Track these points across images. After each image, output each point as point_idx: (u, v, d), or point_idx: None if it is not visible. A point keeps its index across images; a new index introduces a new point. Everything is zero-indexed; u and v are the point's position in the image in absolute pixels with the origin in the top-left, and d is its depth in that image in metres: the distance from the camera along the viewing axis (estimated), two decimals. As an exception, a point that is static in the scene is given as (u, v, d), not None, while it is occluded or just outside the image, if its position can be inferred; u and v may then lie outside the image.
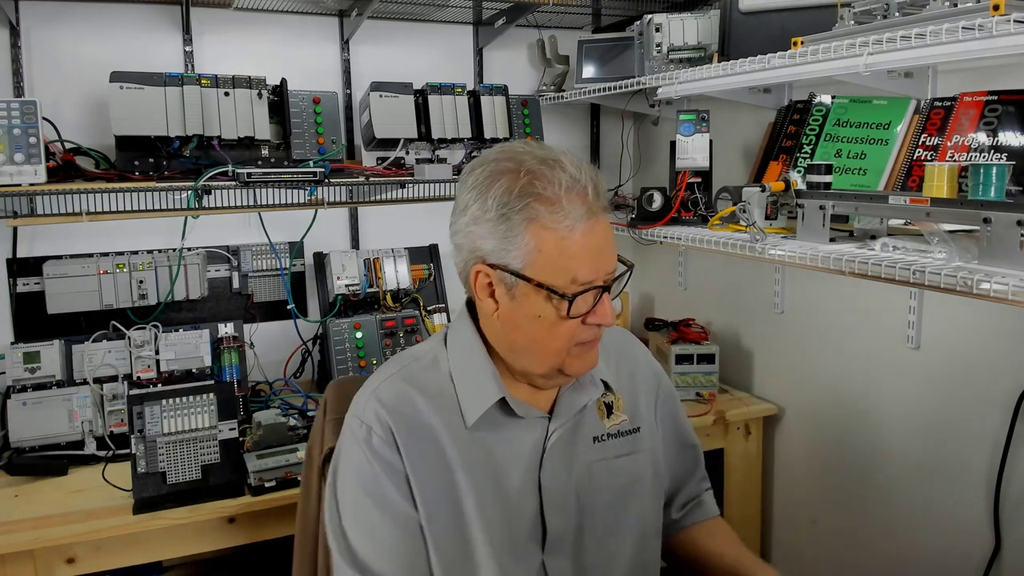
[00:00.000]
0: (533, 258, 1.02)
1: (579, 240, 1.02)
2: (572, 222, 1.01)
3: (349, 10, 2.42)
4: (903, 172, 1.70)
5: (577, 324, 1.05)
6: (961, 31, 1.25)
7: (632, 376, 1.25)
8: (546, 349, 1.07)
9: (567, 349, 1.06)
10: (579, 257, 1.02)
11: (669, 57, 2.13)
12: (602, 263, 1.05)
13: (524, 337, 1.08)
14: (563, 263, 1.02)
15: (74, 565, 1.64)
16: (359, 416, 1.10)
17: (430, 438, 1.09)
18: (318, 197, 2.14)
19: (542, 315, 1.04)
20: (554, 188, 1.02)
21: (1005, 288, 1.13)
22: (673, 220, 1.98)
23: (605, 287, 1.05)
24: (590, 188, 1.03)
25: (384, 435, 1.08)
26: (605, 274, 1.05)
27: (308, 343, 2.40)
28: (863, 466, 2.04)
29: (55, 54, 2.20)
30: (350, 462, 1.10)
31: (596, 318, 1.05)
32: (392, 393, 1.11)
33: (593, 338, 1.08)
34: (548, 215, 1.01)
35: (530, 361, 1.10)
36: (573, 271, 1.02)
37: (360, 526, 1.07)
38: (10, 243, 2.18)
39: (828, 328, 2.13)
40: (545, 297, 1.03)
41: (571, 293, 1.02)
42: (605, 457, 1.17)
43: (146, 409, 1.68)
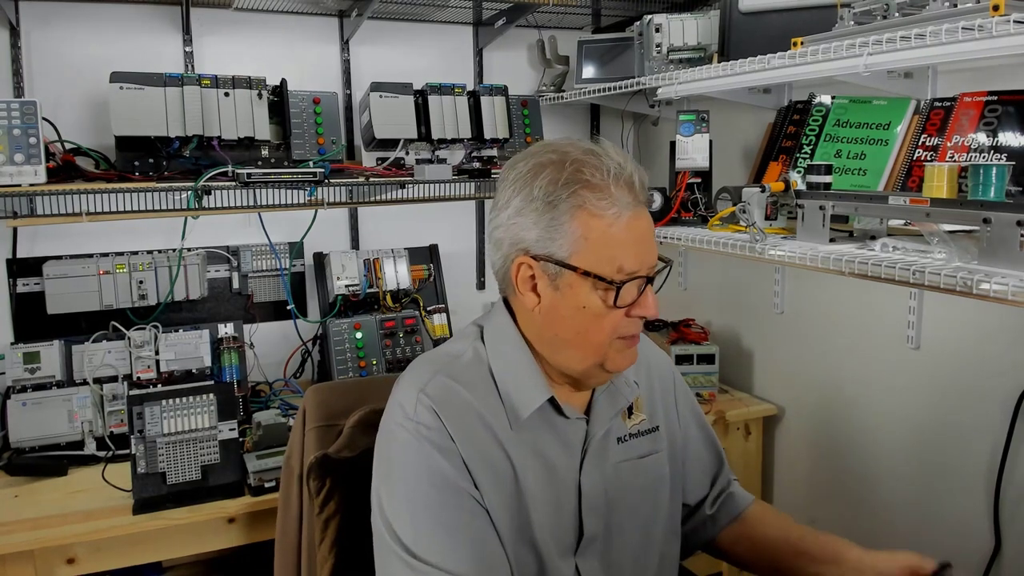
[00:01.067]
0: (580, 246, 1.02)
1: (625, 228, 1.02)
2: (619, 209, 1.02)
3: (349, 10, 2.42)
4: (903, 172, 1.70)
5: (621, 316, 1.04)
6: (961, 31, 1.25)
7: (648, 376, 1.25)
8: (589, 343, 1.05)
9: (610, 343, 1.05)
10: (625, 245, 1.02)
11: (669, 57, 2.13)
12: (647, 253, 1.05)
13: (568, 330, 1.06)
14: (610, 251, 1.02)
15: (74, 565, 1.64)
16: (410, 417, 1.05)
17: (482, 427, 1.07)
18: (318, 197, 2.14)
19: (587, 306, 1.03)
20: (601, 175, 1.02)
21: (1005, 288, 1.13)
22: (673, 220, 1.98)
23: (649, 279, 1.05)
24: (636, 177, 1.04)
25: (437, 426, 1.04)
26: (648, 265, 1.05)
27: (308, 343, 2.40)
28: (863, 466, 2.04)
29: (55, 54, 2.20)
30: (408, 464, 1.04)
31: (641, 310, 1.05)
32: (437, 388, 1.07)
33: (636, 332, 1.08)
34: (596, 202, 1.01)
35: (572, 356, 1.08)
36: (620, 260, 1.02)
37: (437, 523, 1.02)
38: (10, 243, 2.18)
39: (828, 328, 2.13)
40: (591, 287, 1.03)
41: (619, 281, 1.02)
42: (629, 457, 1.17)
43: (146, 409, 1.68)
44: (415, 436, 1.04)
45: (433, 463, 1.03)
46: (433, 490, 1.03)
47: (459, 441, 1.05)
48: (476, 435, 1.06)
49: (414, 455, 1.04)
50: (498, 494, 1.06)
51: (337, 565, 1.21)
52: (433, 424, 1.04)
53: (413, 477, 1.04)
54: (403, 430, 1.06)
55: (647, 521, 1.18)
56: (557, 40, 2.68)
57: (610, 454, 1.15)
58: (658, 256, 1.09)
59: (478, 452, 1.05)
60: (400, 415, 1.07)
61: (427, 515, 1.02)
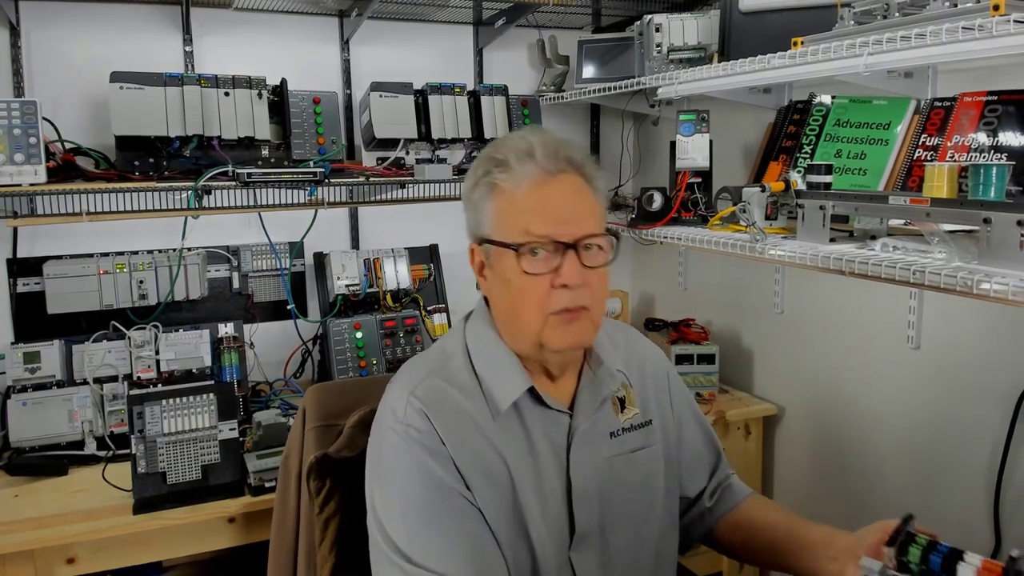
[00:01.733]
0: (495, 221, 1.08)
1: (527, 195, 1.06)
2: (520, 178, 1.06)
3: (349, 10, 2.42)
4: (903, 172, 1.70)
5: (545, 287, 1.04)
6: (961, 31, 1.24)
7: (642, 371, 1.26)
8: (523, 319, 1.07)
9: (544, 319, 1.05)
10: (530, 211, 1.05)
11: (669, 57, 2.13)
12: (559, 218, 1.04)
13: (505, 308, 1.10)
14: (516, 219, 1.06)
15: (74, 565, 1.64)
16: (401, 420, 1.07)
17: (472, 425, 1.08)
18: (318, 197, 2.14)
19: (511, 278, 1.06)
20: (505, 152, 1.08)
21: (1005, 288, 1.13)
22: (673, 220, 1.98)
23: (570, 246, 1.04)
24: (538, 148, 1.07)
25: (426, 429, 1.06)
26: (567, 232, 1.04)
27: (308, 343, 2.40)
28: (863, 466, 2.04)
29: (55, 54, 2.20)
30: (400, 467, 1.06)
31: (560, 278, 1.04)
32: (426, 388, 1.10)
33: (567, 305, 1.05)
34: (501, 177, 1.07)
35: (516, 336, 1.10)
36: (525, 225, 1.05)
37: (429, 525, 1.03)
38: (10, 243, 2.18)
39: (828, 328, 2.13)
40: (511, 258, 1.05)
41: (522, 243, 1.04)
42: (622, 451, 1.17)
43: (146, 409, 1.68)
44: (405, 439, 1.06)
45: (424, 465, 1.04)
46: (424, 491, 1.04)
47: (449, 443, 1.06)
48: (466, 435, 1.07)
49: (405, 458, 1.05)
50: (491, 491, 1.06)
51: (337, 565, 1.21)
52: (423, 427, 1.06)
53: (405, 480, 1.05)
54: (394, 433, 1.07)
55: (642, 516, 1.19)
56: (557, 40, 2.68)
57: (602, 448, 1.16)
58: (602, 230, 1.08)
59: (469, 451, 1.06)
60: (391, 418, 1.08)
61: (419, 517, 1.03)
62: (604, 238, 1.08)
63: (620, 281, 3.01)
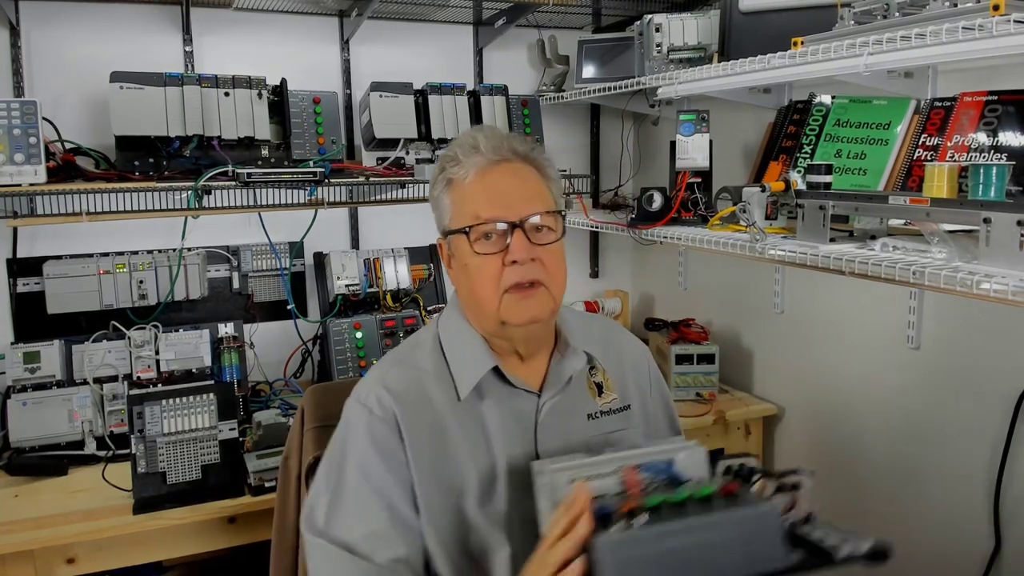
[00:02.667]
0: (452, 212, 1.16)
1: (474, 182, 1.14)
2: (468, 169, 1.14)
3: (349, 10, 2.42)
4: (903, 172, 1.70)
5: (497, 266, 1.11)
6: (961, 31, 1.24)
7: (620, 361, 1.28)
8: (483, 298, 1.13)
9: (500, 296, 1.11)
10: (478, 197, 1.13)
11: (669, 57, 2.12)
12: (505, 201, 1.12)
13: (467, 291, 1.16)
14: (467, 207, 1.13)
15: (74, 565, 1.64)
16: (362, 401, 1.15)
17: (431, 413, 1.13)
18: (318, 197, 2.14)
19: (468, 261, 1.13)
20: (455, 148, 1.17)
21: (1005, 288, 1.13)
22: (673, 220, 1.98)
23: (516, 225, 1.10)
24: (482, 141, 1.15)
25: (385, 416, 1.12)
26: (513, 213, 1.11)
27: (308, 343, 2.40)
28: (863, 465, 2.04)
29: (55, 54, 2.20)
30: (347, 444, 1.13)
31: (509, 255, 1.10)
32: (395, 376, 1.17)
33: (519, 280, 1.10)
34: (452, 171, 1.15)
35: (481, 318, 1.16)
36: (475, 211, 1.12)
37: (342, 504, 1.10)
38: (10, 243, 2.18)
39: (828, 328, 2.13)
40: (464, 242, 1.13)
41: (463, 226, 1.12)
42: (601, 433, 1.20)
43: (146, 409, 1.68)
44: (358, 417, 1.13)
45: (361, 440, 1.12)
46: (350, 463, 1.11)
47: (403, 424, 1.11)
48: (421, 413, 1.13)
49: (347, 433, 1.14)
50: (434, 464, 1.11)
51: (337, 565, 1.21)
52: (375, 408, 1.13)
53: (346, 458, 1.12)
54: (349, 413, 1.16)
55: None
56: (557, 40, 2.68)
57: (578, 428, 1.19)
58: (549, 209, 1.14)
59: (419, 429, 1.12)
60: (354, 403, 1.16)
61: (327, 488, 1.11)
62: (550, 216, 1.14)
63: (620, 281, 3.02)
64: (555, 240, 1.14)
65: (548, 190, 1.18)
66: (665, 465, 0.92)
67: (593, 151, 2.93)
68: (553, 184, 1.20)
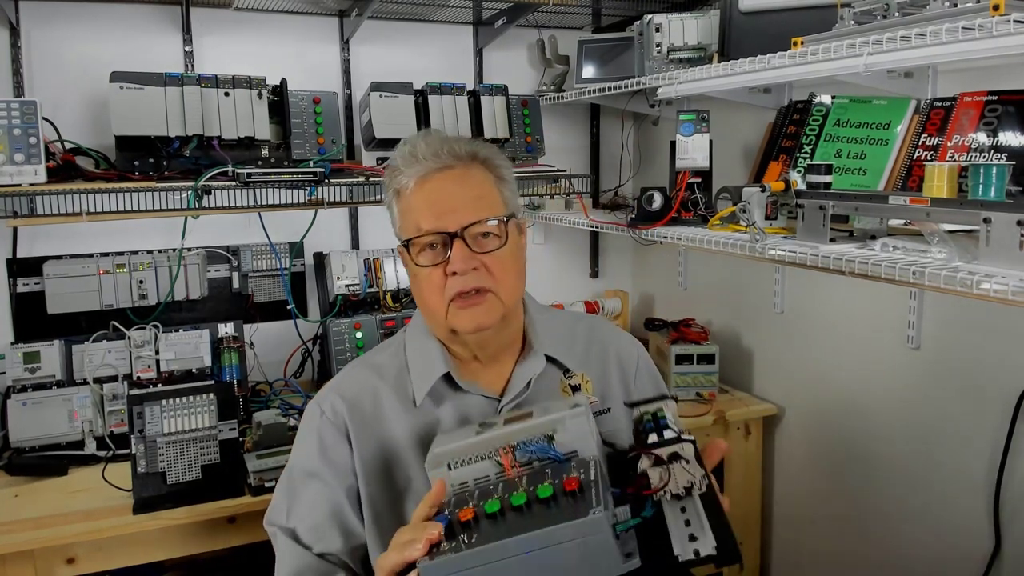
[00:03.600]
0: (399, 223, 1.17)
1: (415, 192, 1.13)
2: (407, 179, 1.14)
3: (349, 10, 2.42)
4: (903, 172, 1.70)
5: (441, 276, 1.11)
6: (961, 31, 1.24)
7: (604, 360, 1.28)
8: (430, 307, 1.15)
9: (446, 305, 1.12)
10: (419, 208, 1.12)
11: (669, 57, 2.12)
12: (441, 210, 1.11)
13: (418, 300, 1.18)
14: (410, 218, 1.14)
15: (74, 565, 1.64)
16: (318, 403, 1.20)
17: (384, 421, 1.16)
18: (318, 197, 2.13)
19: (415, 272, 1.15)
20: (396, 159, 1.17)
21: (1005, 288, 1.13)
22: (673, 220, 1.98)
23: (455, 235, 1.10)
24: (421, 148, 1.14)
25: (336, 422, 1.16)
26: (451, 222, 1.10)
27: (308, 343, 2.40)
28: (863, 466, 2.04)
29: (55, 54, 2.20)
30: (300, 444, 1.19)
31: (450, 266, 1.10)
32: (352, 381, 1.21)
33: (460, 290, 1.10)
34: (396, 181, 1.15)
35: (433, 325, 1.18)
36: (416, 222, 1.12)
37: (294, 498, 1.15)
38: (10, 243, 2.18)
39: (828, 328, 2.13)
40: (409, 254, 1.14)
41: (411, 237, 1.12)
42: None
43: (146, 409, 1.68)
44: (313, 419, 1.18)
45: (311, 440, 1.16)
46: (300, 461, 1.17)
47: (352, 430, 1.15)
48: (373, 420, 1.16)
49: (302, 432, 1.20)
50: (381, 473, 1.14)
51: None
52: (328, 412, 1.17)
53: (295, 452, 1.19)
54: (306, 414, 1.21)
55: None
56: (557, 40, 2.68)
57: None
58: (493, 214, 1.13)
59: (368, 436, 1.15)
60: (315, 398, 1.22)
61: (285, 485, 1.18)
62: (493, 223, 1.12)
63: (620, 281, 3.02)
64: (499, 247, 1.12)
65: (496, 191, 1.16)
66: (543, 444, 0.89)
67: (593, 151, 2.93)
68: (504, 184, 1.18)
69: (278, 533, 1.15)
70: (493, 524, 0.82)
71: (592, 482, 0.82)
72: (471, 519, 0.83)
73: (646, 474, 0.86)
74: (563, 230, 2.81)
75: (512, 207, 1.18)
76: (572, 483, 0.81)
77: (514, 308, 1.18)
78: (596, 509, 0.78)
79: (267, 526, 1.18)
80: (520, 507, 0.82)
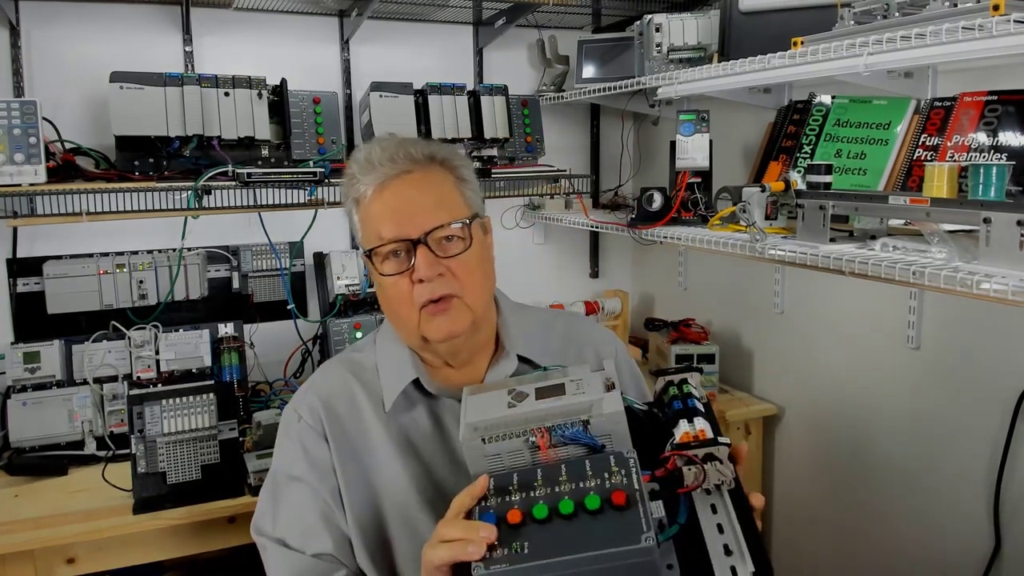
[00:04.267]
0: (361, 232, 1.14)
1: (374, 200, 1.10)
2: (365, 187, 1.11)
3: (349, 10, 2.42)
4: (903, 172, 1.70)
5: (408, 285, 1.08)
6: (961, 31, 1.24)
7: (581, 356, 1.26)
8: (399, 316, 1.12)
9: (417, 314, 1.09)
10: (379, 216, 1.09)
11: (669, 57, 2.12)
12: (401, 217, 1.08)
13: (386, 309, 1.16)
14: (371, 227, 1.11)
15: (74, 565, 1.64)
16: (294, 407, 1.19)
17: (359, 422, 1.15)
18: (318, 197, 2.13)
19: (381, 282, 1.12)
20: (351, 167, 1.14)
21: (1005, 288, 1.13)
22: (673, 220, 1.98)
23: (418, 241, 1.07)
24: (376, 154, 1.11)
25: (314, 424, 1.15)
26: (413, 229, 1.08)
27: (308, 343, 2.40)
28: (863, 466, 2.04)
29: (55, 54, 2.20)
30: (281, 450, 1.18)
31: (415, 274, 1.08)
32: (329, 382, 1.20)
33: (429, 297, 1.08)
34: (353, 190, 1.12)
35: (403, 335, 1.16)
36: (378, 231, 1.09)
37: (279, 505, 1.14)
38: (10, 243, 2.18)
39: (828, 328, 2.13)
40: (372, 264, 1.11)
41: (373, 247, 1.10)
42: None
43: (146, 409, 1.68)
44: (289, 424, 1.17)
45: (292, 445, 1.15)
46: (282, 467, 1.16)
47: (330, 433, 1.14)
48: (350, 423, 1.15)
49: (282, 438, 1.19)
50: (358, 475, 1.13)
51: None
52: (306, 416, 1.16)
53: (276, 458, 1.19)
54: (283, 418, 1.20)
55: None
56: (557, 40, 2.68)
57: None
58: (455, 218, 1.10)
59: (345, 439, 1.14)
60: (291, 401, 1.21)
61: (270, 492, 1.16)
62: (457, 226, 1.10)
63: (620, 281, 3.02)
64: (464, 250, 1.10)
65: (457, 192, 1.14)
66: (579, 430, 0.90)
67: (593, 151, 2.93)
68: (466, 185, 1.15)
69: (267, 544, 1.13)
70: (542, 532, 0.83)
71: (638, 497, 0.83)
72: (520, 522, 0.84)
73: (680, 471, 0.87)
74: (563, 230, 2.81)
75: (475, 207, 1.15)
76: (619, 496, 0.82)
77: (484, 312, 1.15)
78: (647, 536, 0.79)
79: (255, 536, 1.16)
80: (568, 516, 0.83)
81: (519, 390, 0.97)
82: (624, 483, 0.85)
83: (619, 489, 0.84)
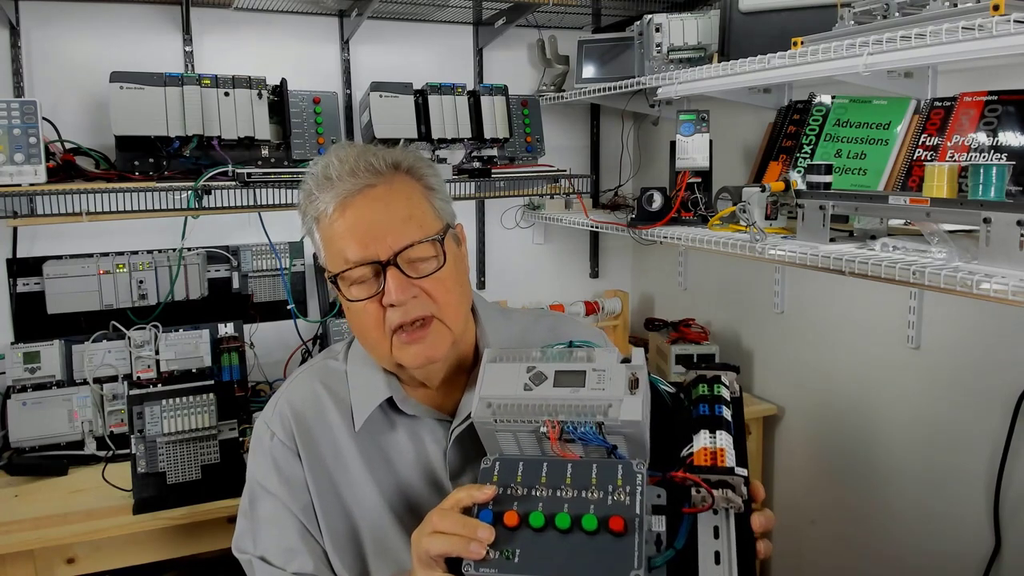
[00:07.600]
0: (323, 252, 1.06)
1: (336, 219, 1.02)
2: (325, 206, 1.02)
3: (349, 10, 2.42)
4: (903, 172, 1.70)
5: (378, 309, 1.01)
6: (961, 31, 1.24)
7: None
8: (370, 340, 1.06)
9: (388, 338, 1.03)
10: (342, 237, 1.01)
11: (669, 57, 2.12)
12: (367, 238, 1.00)
13: (356, 332, 1.10)
14: (335, 248, 1.03)
15: (74, 565, 1.64)
16: (266, 421, 1.14)
17: (331, 438, 1.11)
18: (318, 197, 2.13)
19: (349, 306, 1.05)
20: (308, 183, 1.05)
21: (1005, 288, 1.13)
22: (673, 220, 1.98)
23: (387, 263, 1.00)
24: (335, 168, 1.02)
25: (286, 440, 1.11)
26: (381, 250, 1.00)
27: (308, 343, 2.40)
28: (863, 466, 2.04)
29: (55, 54, 2.20)
30: (254, 465, 1.14)
31: (386, 298, 1.00)
32: (301, 395, 1.14)
33: (401, 322, 1.01)
34: (312, 208, 1.04)
35: (377, 359, 1.10)
36: (343, 252, 1.01)
37: (258, 523, 1.11)
38: (10, 243, 2.18)
39: (828, 328, 2.13)
40: (339, 289, 1.04)
41: (334, 272, 1.03)
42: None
43: (146, 409, 1.68)
44: (261, 438, 1.13)
45: (265, 462, 1.11)
46: (258, 484, 1.11)
47: (302, 448, 1.10)
48: (321, 438, 1.11)
49: (255, 450, 1.14)
50: (331, 491, 1.09)
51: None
52: (278, 431, 1.12)
53: (250, 468, 1.14)
54: (255, 431, 1.16)
55: None
56: (557, 40, 2.68)
57: None
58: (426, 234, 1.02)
59: (318, 455, 1.10)
60: (263, 414, 1.16)
61: (247, 504, 1.12)
62: (428, 245, 1.02)
63: (620, 281, 3.02)
64: (438, 268, 1.02)
65: (427, 204, 1.05)
66: (592, 429, 0.88)
67: (593, 151, 2.93)
68: (434, 194, 1.07)
69: (252, 560, 1.10)
70: (534, 542, 0.83)
71: (636, 525, 0.82)
72: (515, 526, 0.84)
73: (689, 493, 0.86)
74: (563, 230, 2.81)
75: (446, 217, 1.07)
76: (617, 523, 0.81)
77: (462, 329, 1.09)
78: (636, 574, 0.79)
79: (237, 553, 1.12)
80: (563, 531, 0.83)
81: (539, 369, 0.94)
82: (626, 504, 0.83)
83: (618, 514, 0.82)
